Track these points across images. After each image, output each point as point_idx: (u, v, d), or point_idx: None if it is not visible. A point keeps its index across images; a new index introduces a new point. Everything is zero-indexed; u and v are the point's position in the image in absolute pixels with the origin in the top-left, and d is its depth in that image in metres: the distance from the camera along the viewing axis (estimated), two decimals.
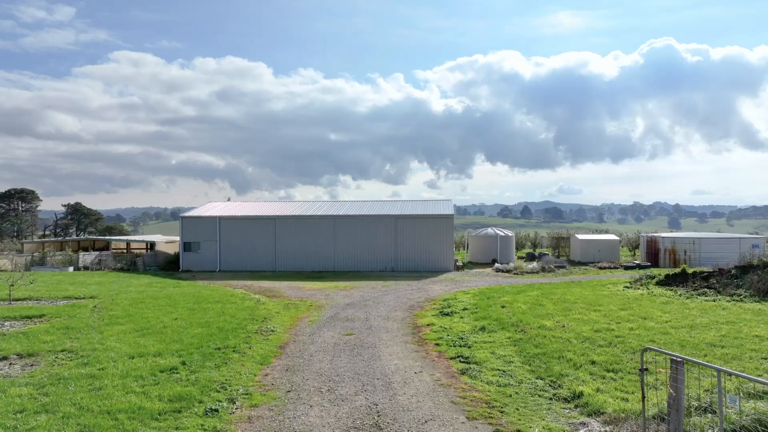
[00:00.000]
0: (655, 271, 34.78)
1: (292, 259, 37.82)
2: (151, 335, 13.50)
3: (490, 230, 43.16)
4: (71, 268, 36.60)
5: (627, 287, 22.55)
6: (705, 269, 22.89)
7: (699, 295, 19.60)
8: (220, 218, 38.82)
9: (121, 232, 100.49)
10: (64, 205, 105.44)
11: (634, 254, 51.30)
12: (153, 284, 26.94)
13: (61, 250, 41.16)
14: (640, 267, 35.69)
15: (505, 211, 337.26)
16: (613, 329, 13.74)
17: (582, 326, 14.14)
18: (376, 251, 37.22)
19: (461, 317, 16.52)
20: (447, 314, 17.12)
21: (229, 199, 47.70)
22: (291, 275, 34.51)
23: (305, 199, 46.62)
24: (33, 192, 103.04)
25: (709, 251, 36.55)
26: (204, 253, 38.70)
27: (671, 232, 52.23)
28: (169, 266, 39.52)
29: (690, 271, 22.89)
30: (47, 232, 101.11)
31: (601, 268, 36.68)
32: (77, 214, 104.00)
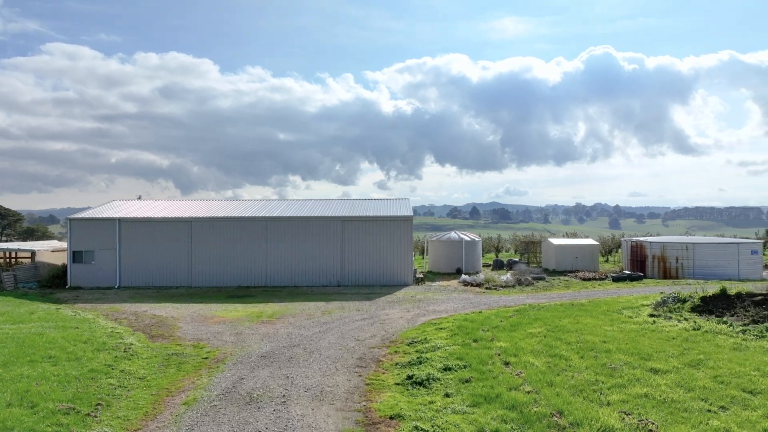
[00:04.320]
0: (650, 282, 29.59)
1: (212, 271, 30.16)
2: None
3: (453, 234, 36.92)
4: None
5: (654, 315, 16.60)
6: (753, 291, 17.26)
7: None
8: (121, 220, 30.66)
9: (45, 235, 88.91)
10: None
11: (607, 260, 46.57)
12: None
13: None
14: (631, 278, 30.32)
15: (454, 212, 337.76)
16: None
17: (677, 427, 7.74)
18: (318, 261, 30.15)
19: (445, 390, 9.83)
20: (420, 383, 10.37)
21: (140, 197, 39.25)
22: (209, 293, 26.98)
23: (252, 198, 38.73)
24: None
25: (704, 258, 31.70)
26: (99, 265, 30.45)
27: (647, 235, 47.95)
28: (53, 282, 30.92)
29: (733, 292, 17.24)
30: None
31: (584, 279, 31.10)
32: None
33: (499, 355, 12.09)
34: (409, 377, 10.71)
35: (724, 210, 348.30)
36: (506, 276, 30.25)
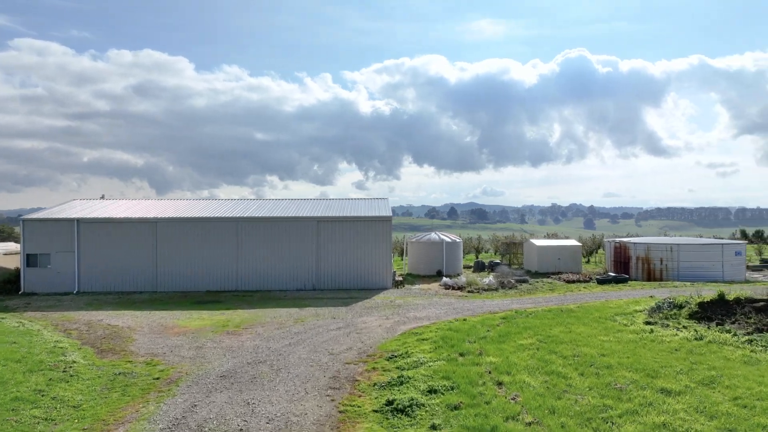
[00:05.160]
0: (636, 284, 28.70)
1: (179, 275, 28.31)
2: None
3: (433, 235, 35.66)
4: None
5: (650, 323, 15.53)
6: (753, 296, 16.33)
7: None
8: (80, 221, 28.59)
9: (11, 236, 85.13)
10: None
11: (588, 261, 45.93)
12: None
13: None
14: (616, 280, 29.46)
15: (432, 213, 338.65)
16: None
17: None
18: (292, 264, 28.54)
19: (432, 420, 8.46)
20: (402, 410, 8.99)
21: (103, 197, 37.10)
22: (174, 299, 25.19)
23: (228, 198, 36.48)
24: None
25: (689, 260, 31.06)
26: (57, 269, 28.34)
27: (629, 235, 47.56)
28: (5, 287, 28.64)
29: (731, 297, 16.28)
30: None
31: (568, 281, 30.14)
32: None
33: (489, 373, 10.78)
34: (389, 402, 9.30)
35: (695, 210, 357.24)
36: (488, 279, 29.11)
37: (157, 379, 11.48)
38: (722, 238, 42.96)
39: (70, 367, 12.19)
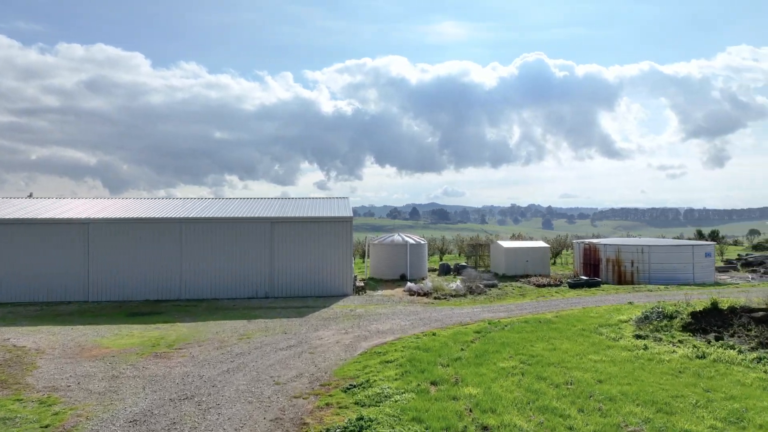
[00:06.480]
0: (609, 288, 27.39)
1: (114, 283, 25.23)
2: None
3: (397, 237, 33.60)
4: None
5: (640, 336, 13.88)
6: (749, 305, 14.86)
7: None
8: None
9: None
10: None
11: (554, 262, 44.90)
12: None
13: None
14: (588, 284, 28.10)
15: (394, 213, 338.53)
16: None
17: None
18: (243, 269, 25.89)
19: None
20: None
21: (30, 195, 33.41)
22: (106, 311, 22.22)
23: (184, 197, 32.94)
24: None
25: (660, 261, 30.06)
26: None
27: (597, 236, 46.82)
28: None
29: (725, 305, 14.81)
30: None
31: (538, 285, 28.65)
32: None
33: (470, 411, 8.71)
34: None
35: (647, 211, 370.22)
36: (456, 283, 27.25)
37: (46, 427, 8.89)
38: (677, 238, 42.66)
39: None
